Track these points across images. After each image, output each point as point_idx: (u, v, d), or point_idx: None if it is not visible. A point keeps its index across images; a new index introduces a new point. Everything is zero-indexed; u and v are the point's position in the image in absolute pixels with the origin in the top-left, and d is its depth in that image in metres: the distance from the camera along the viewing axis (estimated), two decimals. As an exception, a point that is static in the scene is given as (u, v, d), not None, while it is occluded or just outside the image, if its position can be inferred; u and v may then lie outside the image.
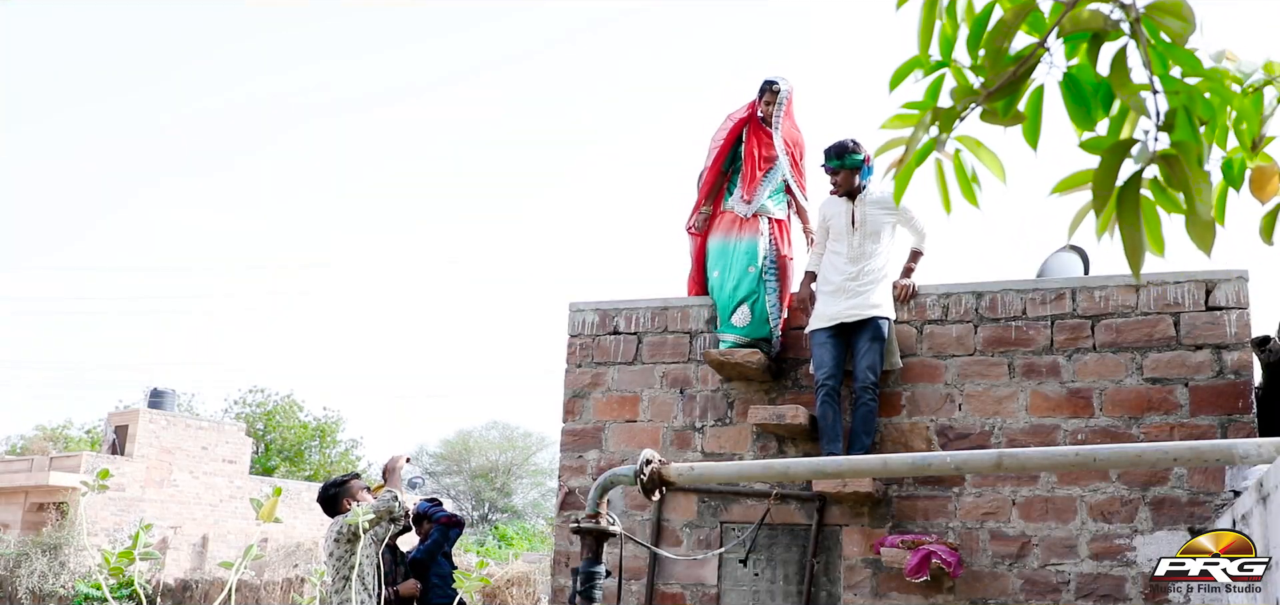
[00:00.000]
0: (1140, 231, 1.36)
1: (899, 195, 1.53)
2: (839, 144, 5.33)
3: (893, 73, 1.56)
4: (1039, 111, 1.49)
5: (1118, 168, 1.36)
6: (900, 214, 5.37)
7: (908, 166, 1.49)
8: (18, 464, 25.49)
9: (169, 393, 28.27)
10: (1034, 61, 1.41)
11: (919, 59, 1.52)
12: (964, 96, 1.45)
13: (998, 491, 5.11)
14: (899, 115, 1.53)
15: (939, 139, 1.47)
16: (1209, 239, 1.36)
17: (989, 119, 1.46)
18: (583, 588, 3.12)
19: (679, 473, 3.20)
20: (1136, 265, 1.37)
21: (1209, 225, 1.36)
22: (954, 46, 1.50)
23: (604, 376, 5.97)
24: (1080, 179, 1.43)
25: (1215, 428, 4.85)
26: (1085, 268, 5.79)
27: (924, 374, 5.37)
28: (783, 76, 5.71)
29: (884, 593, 5.19)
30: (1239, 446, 2.68)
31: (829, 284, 5.32)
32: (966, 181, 1.55)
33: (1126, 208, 1.36)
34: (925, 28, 1.50)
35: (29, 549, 20.82)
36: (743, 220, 5.63)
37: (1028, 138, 1.50)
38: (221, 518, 26.55)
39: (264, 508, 2.32)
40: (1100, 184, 1.36)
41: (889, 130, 1.53)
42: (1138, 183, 1.36)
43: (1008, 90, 1.43)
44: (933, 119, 1.47)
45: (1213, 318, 4.97)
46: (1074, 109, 1.45)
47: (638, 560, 5.63)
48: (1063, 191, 1.45)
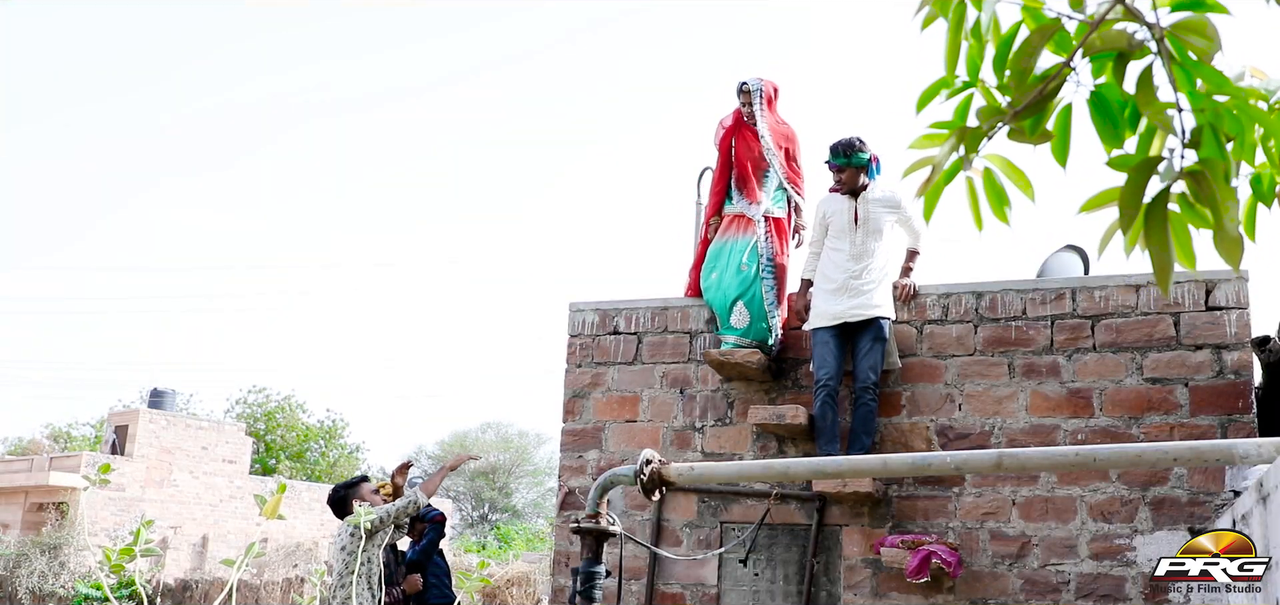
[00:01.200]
0: (1168, 248, 1.38)
1: (929, 214, 1.55)
2: (846, 141, 5.33)
3: (920, 94, 1.58)
4: (1068, 130, 1.52)
5: (1145, 185, 1.37)
6: (902, 213, 5.38)
7: (936, 186, 1.51)
8: (18, 464, 25.49)
9: (169, 393, 28.27)
10: (1060, 80, 1.43)
11: (945, 80, 1.54)
12: (991, 116, 1.47)
13: (998, 491, 5.12)
14: (926, 135, 1.55)
15: (966, 158, 1.49)
16: (1237, 254, 1.37)
17: (1016, 138, 1.48)
18: (583, 588, 3.12)
19: (679, 473, 3.20)
20: (1165, 281, 1.39)
21: (1237, 241, 1.37)
22: (980, 67, 1.52)
23: (604, 376, 5.97)
24: (1108, 197, 1.44)
25: (1215, 428, 4.85)
26: (1085, 268, 5.80)
27: (924, 374, 5.37)
28: (755, 76, 5.72)
29: (884, 593, 5.19)
30: (1239, 446, 2.68)
31: (830, 282, 5.31)
32: (997, 199, 1.57)
33: (1154, 224, 1.37)
34: (951, 48, 1.51)
35: (29, 549, 20.81)
36: (740, 220, 5.65)
37: (1057, 156, 1.52)
38: (221, 518, 26.55)
39: (268, 504, 2.32)
40: (1128, 201, 1.38)
41: (917, 150, 1.55)
42: (1165, 199, 1.37)
43: (1035, 109, 1.45)
44: (960, 139, 1.49)
45: (1213, 318, 4.97)
46: (1101, 127, 1.47)
47: (638, 560, 5.63)
48: (1091, 209, 1.46)
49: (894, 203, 5.35)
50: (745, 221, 5.63)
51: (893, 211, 5.36)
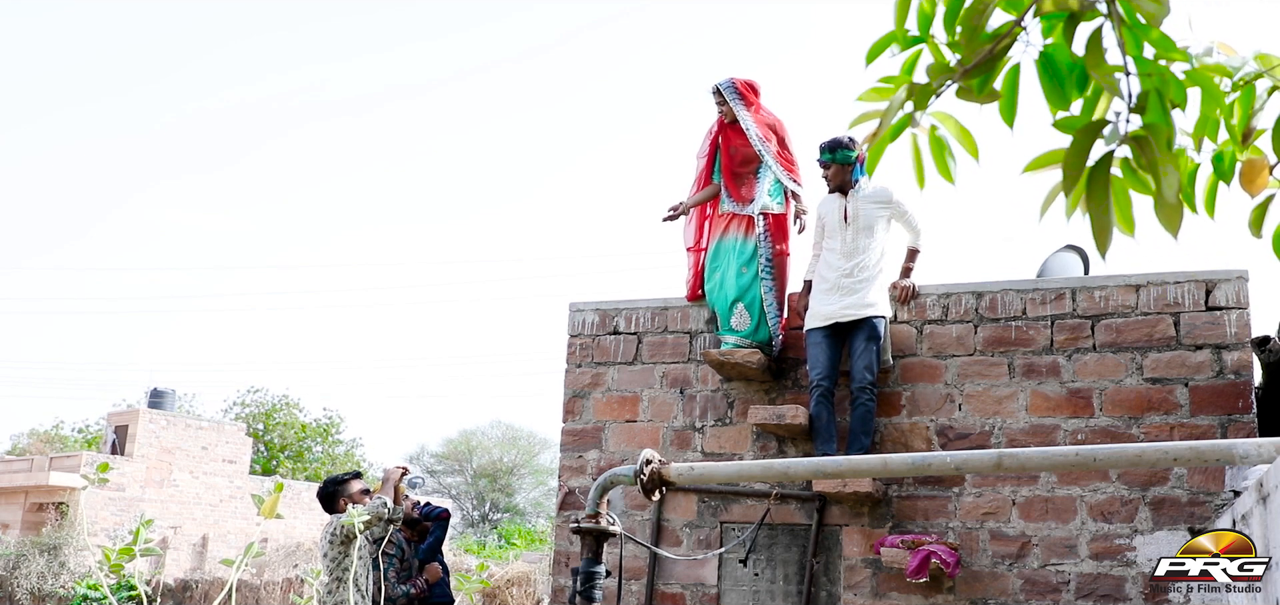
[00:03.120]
0: (1109, 212, 1.36)
1: (872, 168, 1.53)
2: (833, 139, 5.34)
3: (869, 47, 1.56)
4: (1015, 90, 1.49)
5: (1089, 148, 1.36)
6: (894, 208, 5.35)
7: (881, 140, 1.49)
8: (18, 464, 25.49)
9: (169, 393, 28.26)
10: (1011, 40, 1.41)
11: (895, 34, 1.52)
12: (940, 73, 1.45)
13: (998, 491, 5.11)
14: (874, 89, 1.53)
15: (913, 115, 1.47)
16: (1176, 221, 1.36)
17: (965, 96, 1.46)
18: (583, 588, 3.12)
19: (679, 473, 3.20)
20: (1103, 245, 1.38)
21: (1177, 208, 1.35)
22: (931, 22, 1.49)
23: (604, 376, 5.97)
24: (1052, 158, 1.43)
25: (1215, 428, 4.85)
26: (1085, 268, 5.79)
27: (924, 374, 5.36)
28: (725, 77, 5.70)
29: (884, 593, 5.19)
30: (1239, 446, 2.68)
31: (824, 281, 5.31)
32: (942, 157, 1.55)
33: (1096, 188, 1.36)
34: (902, 2, 1.49)
35: (28, 549, 20.80)
36: (738, 219, 5.64)
37: (1004, 116, 1.50)
38: (221, 518, 26.55)
39: (266, 504, 2.32)
40: (1071, 164, 1.37)
41: (864, 103, 1.53)
42: (1108, 163, 1.36)
43: (984, 68, 1.43)
44: (908, 94, 1.47)
45: (1213, 318, 4.97)
46: (1049, 88, 1.45)
47: (638, 560, 5.63)
48: (1034, 170, 1.45)
49: (885, 198, 5.33)
50: (745, 222, 5.63)
51: (885, 208, 5.34)
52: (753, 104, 5.69)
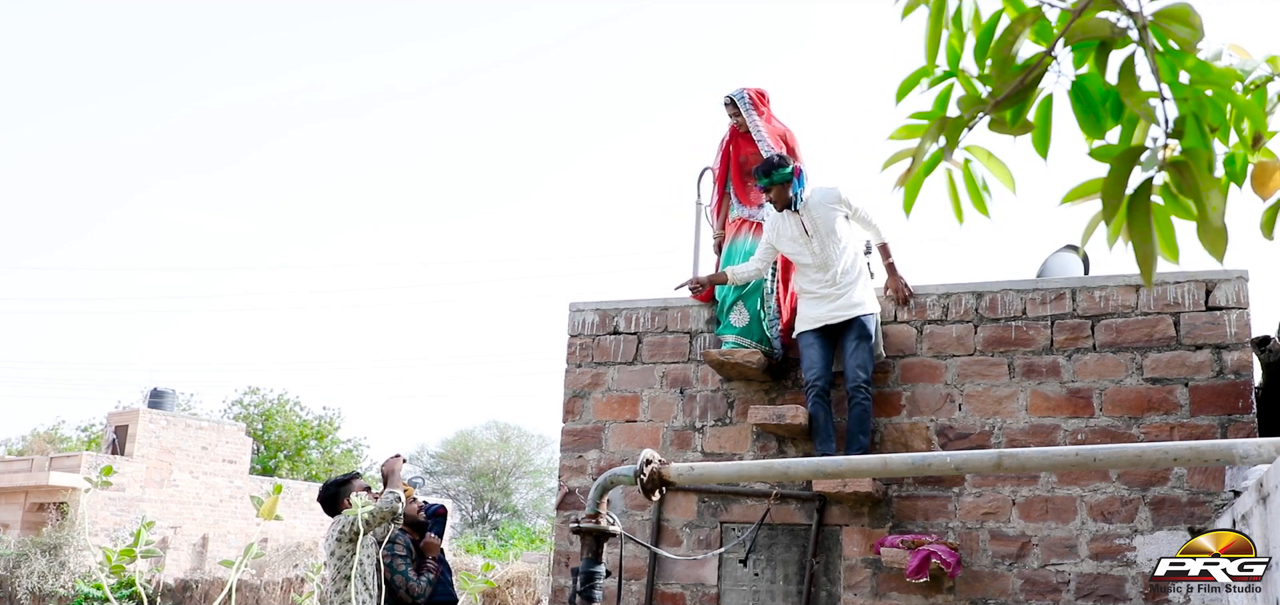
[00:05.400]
0: (1151, 240, 1.35)
1: (909, 206, 1.52)
2: (766, 161, 5.26)
3: (899, 84, 1.55)
4: (1048, 120, 1.48)
5: (1127, 176, 1.35)
6: (845, 204, 5.31)
7: (917, 177, 1.48)
8: (18, 464, 25.49)
9: (169, 393, 28.26)
10: (1042, 70, 1.40)
11: (926, 69, 1.51)
12: (972, 106, 1.44)
13: (998, 491, 5.11)
14: (906, 126, 1.52)
15: (947, 149, 1.46)
16: (1221, 245, 1.34)
17: (997, 128, 1.45)
18: (583, 588, 3.12)
19: (679, 473, 3.20)
20: (1149, 273, 1.36)
21: (1221, 231, 1.34)
22: (961, 56, 1.48)
23: (604, 376, 5.97)
24: (1090, 188, 1.42)
25: (1215, 428, 4.85)
26: (1085, 268, 5.79)
27: (924, 374, 5.37)
28: (737, 87, 5.81)
29: (884, 593, 5.19)
30: (1239, 446, 2.68)
31: (809, 294, 5.33)
32: (976, 191, 1.54)
33: (1137, 216, 1.35)
34: (932, 37, 1.48)
35: (29, 549, 20.80)
36: (748, 224, 5.76)
37: (1037, 146, 1.49)
38: (221, 518, 26.54)
39: (265, 505, 2.32)
40: (1110, 192, 1.35)
41: (897, 141, 1.52)
42: (1148, 190, 1.35)
43: (1016, 99, 1.42)
44: (940, 129, 1.46)
45: (1213, 318, 4.97)
46: (1083, 117, 1.44)
47: (638, 560, 5.63)
48: (1073, 201, 1.44)
49: (833, 197, 5.29)
50: (754, 226, 5.72)
51: (836, 205, 5.29)
52: (763, 112, 5.80)
